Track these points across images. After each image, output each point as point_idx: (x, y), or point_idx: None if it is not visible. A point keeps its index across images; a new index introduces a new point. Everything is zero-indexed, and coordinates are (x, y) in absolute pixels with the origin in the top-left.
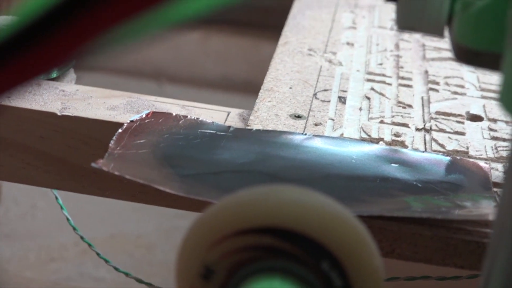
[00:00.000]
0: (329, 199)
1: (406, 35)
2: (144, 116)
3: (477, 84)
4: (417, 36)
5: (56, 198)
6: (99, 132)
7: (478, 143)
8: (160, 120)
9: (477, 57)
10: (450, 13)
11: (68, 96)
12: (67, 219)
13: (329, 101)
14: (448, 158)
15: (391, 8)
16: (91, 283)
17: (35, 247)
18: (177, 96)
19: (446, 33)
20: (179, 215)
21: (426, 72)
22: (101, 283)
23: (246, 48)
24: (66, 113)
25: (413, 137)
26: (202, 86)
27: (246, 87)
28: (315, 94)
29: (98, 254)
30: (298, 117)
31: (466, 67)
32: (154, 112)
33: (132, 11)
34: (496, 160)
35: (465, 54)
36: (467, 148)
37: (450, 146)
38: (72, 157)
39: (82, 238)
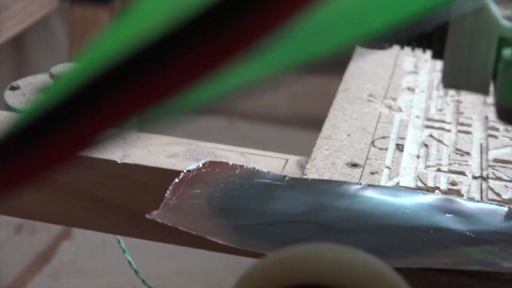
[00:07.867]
0: (371, 257)
1: None
2: (201, 165)
3: None
4: None
5: (119, 241)
6: (158, 179)
7: None
8: (217, 169)
9: None
10: (495, 71)
11: (129, 144)
12: (129, 262)
13: (387, 149)
14: (503, 208)
15: None
16: None
17: (104, 285)
18: (246, 133)
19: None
20: None
21: (486, 117)
22: None
23: (316, 85)
24: (126, 160)
25: (470, 185)
26: (273, 122)
27: (316, 123)
28: (372, 142)
29: None
30: (355, 165)
31: None
32: (211, 162)
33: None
34: None
35: (507, 114)
36: None
37: (506, 195)
38: (131, 203)
39: (143, 281)
